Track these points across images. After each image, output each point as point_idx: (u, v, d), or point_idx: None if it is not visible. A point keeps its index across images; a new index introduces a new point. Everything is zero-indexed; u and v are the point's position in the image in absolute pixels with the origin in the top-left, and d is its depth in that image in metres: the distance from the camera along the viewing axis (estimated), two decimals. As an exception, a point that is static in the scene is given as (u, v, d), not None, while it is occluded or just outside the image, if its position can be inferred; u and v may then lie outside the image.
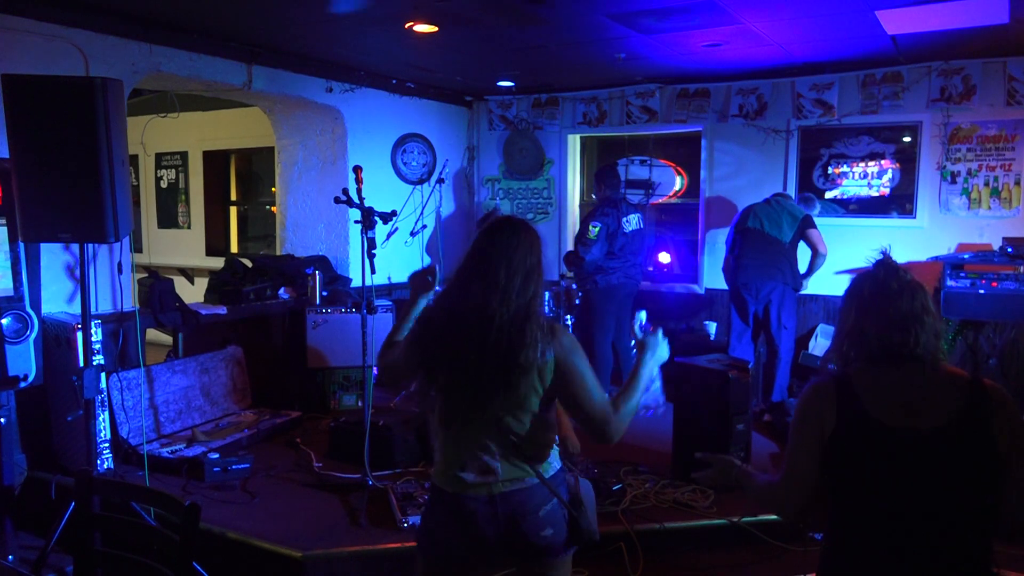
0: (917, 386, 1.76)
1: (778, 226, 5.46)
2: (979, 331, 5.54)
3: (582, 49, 5.36)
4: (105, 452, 4.21)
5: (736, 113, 6.44)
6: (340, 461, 4.46)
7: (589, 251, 5.76)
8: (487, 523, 2.11)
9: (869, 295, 1.85)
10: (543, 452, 2.19)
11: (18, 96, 3.07)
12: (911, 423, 1.72)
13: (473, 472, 2.12)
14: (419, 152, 7.03)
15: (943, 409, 1.72)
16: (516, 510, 2.11)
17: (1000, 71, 5.55)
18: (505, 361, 2.04)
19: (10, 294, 3.48)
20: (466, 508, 2.12)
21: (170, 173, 8.74)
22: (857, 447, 1.75)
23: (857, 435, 1.75)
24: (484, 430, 2.11)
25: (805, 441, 1.82)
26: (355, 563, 3.41)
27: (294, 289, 5.80)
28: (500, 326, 2.04)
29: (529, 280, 2.11)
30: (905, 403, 1.74)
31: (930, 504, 1.71)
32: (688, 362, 4.38)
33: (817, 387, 1.83)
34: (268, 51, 5.48)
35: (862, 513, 1.76)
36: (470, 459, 2.12)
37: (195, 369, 5.01)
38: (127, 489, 2.55)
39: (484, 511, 2.11)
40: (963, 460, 1.70)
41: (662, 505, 3.95)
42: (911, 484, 1.71)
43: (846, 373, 1.83)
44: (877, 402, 1.75)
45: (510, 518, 2.11)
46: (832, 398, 1.79)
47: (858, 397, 1.76)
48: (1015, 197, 5.61)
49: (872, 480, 1.74)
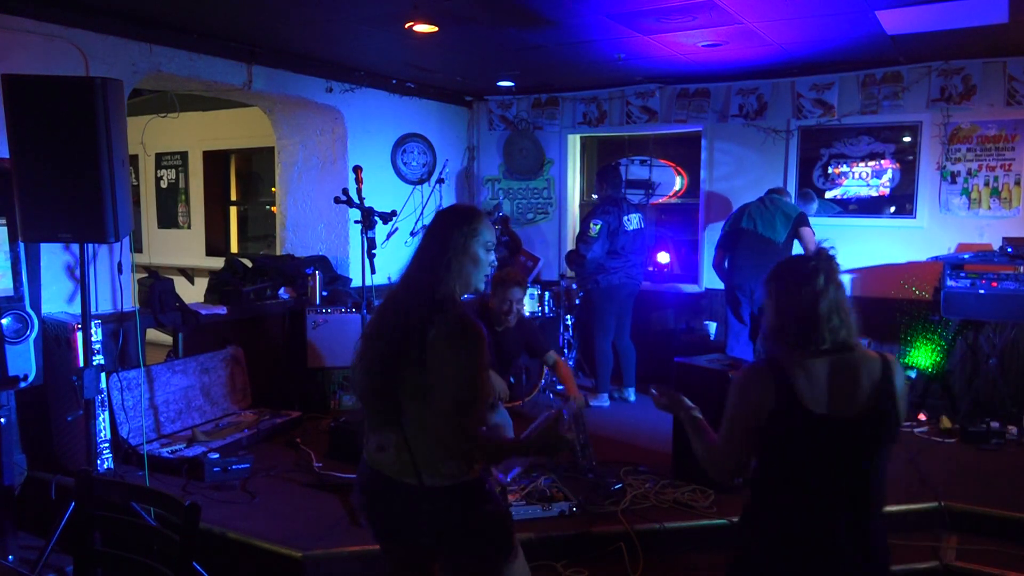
0: (842, 373, 1.96)
1: (772, 226, 5.47)
2: (979, 331, 5.54)
3: (582, 49, 5.36)
4: (105, 452, 4.21)
5: (736, 113, 6.44)
6: (340, 461, 4.46)
7: (590, 248, 5.76)
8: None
9: (807, 286, 1.98)
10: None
11: (18, 96, 3.07)
12: (837, 411, 1.94)
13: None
14: (419, 152, 7.03)
15: (864, 393, 1.94)
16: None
17: (1000, 71, 5.55)
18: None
19: (10, 294, 3.48)
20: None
21: (170, 173, 8.74)
22: (788, 431, 1.96)
23: (789, 420, 1.95)
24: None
25: (742, 417, 2.02)
26: (355, 563, 3.41)
27: (294, 289, 5.80)
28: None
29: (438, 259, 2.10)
30: (832, 391, 1.95)
31: (849, 478, 1.95)
32: (688, 362, 4.38)
33: (758, 370, 2.02)
34: (268, 51, 5.48)
35: (784, 485, 2.00)
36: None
37: (195, 369, 5.01)
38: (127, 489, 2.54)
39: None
40: (880, 437, 1.95)
41: (662, 505, 3.95)
42: (833, 465, 1.94)
43: (779, 359, 2.00)
44: (808, 390, 1.95)
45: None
46: (770, 382, 1.97)
47: (791, 384, 1.95)
48: (1015, 197, 5.61)
49: (798, 460, 1.97)
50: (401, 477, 2.10)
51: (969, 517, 3.86)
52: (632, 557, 3.55)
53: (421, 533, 2.13)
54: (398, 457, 2.10)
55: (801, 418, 1.94)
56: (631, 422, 5.51)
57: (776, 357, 2.02)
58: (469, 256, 2.12)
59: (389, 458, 2.12)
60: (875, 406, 1.95)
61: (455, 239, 2.10)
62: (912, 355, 5.73)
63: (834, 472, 1.96)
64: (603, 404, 5.94)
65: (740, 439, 2.05)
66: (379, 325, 2.14)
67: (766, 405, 1.96)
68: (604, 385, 5.97)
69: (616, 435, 5.15)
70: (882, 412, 1.96)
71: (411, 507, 2.11)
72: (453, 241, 2.10)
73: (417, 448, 2.07)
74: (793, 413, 1.94)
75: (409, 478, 2.09)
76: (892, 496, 2.73)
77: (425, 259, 2.12)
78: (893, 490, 2.57)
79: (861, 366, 1.98)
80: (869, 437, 1.95)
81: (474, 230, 2.13)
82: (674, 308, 6.89)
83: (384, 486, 2.14)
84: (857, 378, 1.96)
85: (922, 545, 3.69)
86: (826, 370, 1.97)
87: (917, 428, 5.25)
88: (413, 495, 2.09)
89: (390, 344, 2.06)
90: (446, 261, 2.08)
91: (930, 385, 5.69)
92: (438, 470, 2.07)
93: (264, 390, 5.56)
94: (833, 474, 1.96)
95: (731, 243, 5.62)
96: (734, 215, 5.69)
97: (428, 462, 2.07)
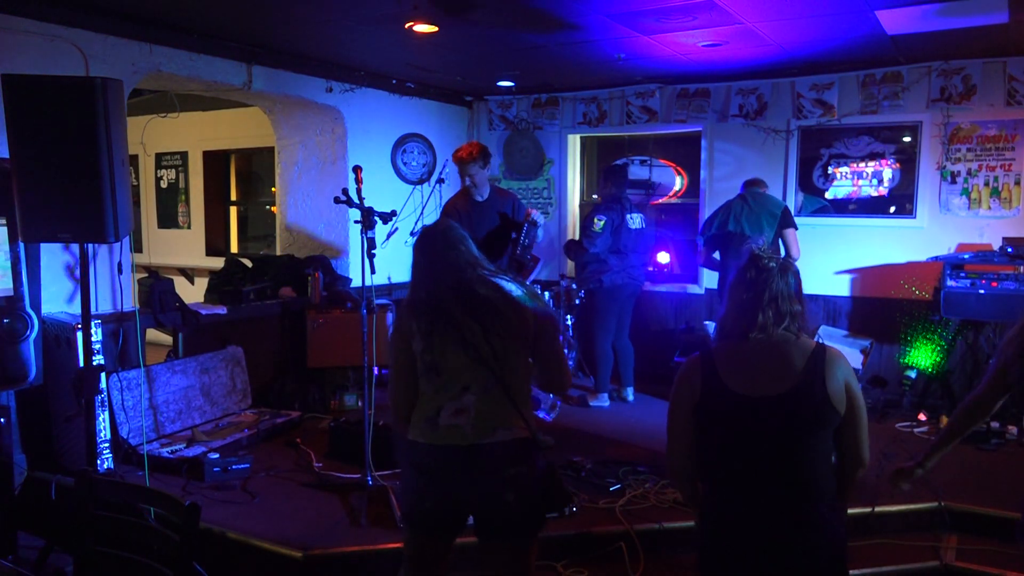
0: (762, 361, 2.07)
1: (759, 228, 5.45)
2: (979, 331, 5.54)
3: (582, 49, 5.36)
4: (105, 452, 4.21)
5: (736, 113, 6.44)
6: (340, 461, 4.46)
7: (593, 243, 5.77)
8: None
9: (735, 284, 2.15)
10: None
11: (18, 96, 3.07)
12: (756, 391, 2.04)
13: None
14: (419, 152, 7.03)
15: (788, 376, 2.03)
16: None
17: (1000, 71, 5.55)
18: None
19: (10, 294, 3.49)
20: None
21: (170, 173, 8.74)
22: (714, 412, 2.09)
23: (714, 401, 2.08)
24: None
25: (677, 407, 2.17)
26: (355, 563, 3.41)
27: (294, 289, 5.80)
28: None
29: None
30: (751, 374, 2.06)
31: (777, 456, 2.03)
32: (688, 362, 4.38)
33: (690, 360, 2.18)
34: (268, 51, 5.48)
35: (720, 467, 2.11)
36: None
37: (195, 369, 5.01)
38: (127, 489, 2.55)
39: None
40: (804, 418, 2.01)
41: (662, 505, 3.95)
42: (760, 444, 2.04)
43: (710, 349, 2.15)
44: (730, 373, 2.07)
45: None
46: (698, 369, 2.12)
47: (716, 368, 2.09)
48: (1015, 197, 5.61)
49: (727, 441, 2.08)
50: (479, 439, 2.32)
51: (969, 517, 3.86)
52: (632, 557, 3.55)
53: (504, 486, 2.33)
54: (477, 417, 2.34)
55: (725, 398, 2.06)
56: (631, 422, 5.50)
57: (711, 348, 2.16)
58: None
59: (466, 421, 2.34)
60: (802, 387, 2.01)
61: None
62: (912, 355, 5.73)
63: (763, 451, 2.04)
64: (603, 404, 5.94)
65: (679, 432, 2.18)
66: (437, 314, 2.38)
67: (696, 391, 2.10)
68: (604, 385, 5.97)
69: (616, 435, 5.14)
70: (809, 394, 2.01)
71: (495, 463, 2.33)
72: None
73: (503, 402, 2.36)
74: (718, 394, 2.07)
75: (487, 438, 2.33)
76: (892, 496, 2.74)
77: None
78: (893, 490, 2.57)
79: (793, 350, 2.07)
80: (795, 416, 2.02)
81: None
82: (674, 308, 6.89)
83: (460, 456, 2.33)
84: (785, 361, 2.05)
85: (922, 545, 3.69)
86: (755, 354, 2.08)
87: (917, 428, 5.25)
88: (496, 451, 2.32)
89: (469, 318, 2.36)
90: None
91: (930, 385, 5.69)
92: (515, 423, 2.37)
93: (264, 390, 5.56)
94: (762, 454, 2.04)
95: (719, 245, 5.63)
96: (719, 216, 5.65)
97: (508, 416, 2.36)
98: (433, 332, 2.37)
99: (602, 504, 3.94)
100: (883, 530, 3.76)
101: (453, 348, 2.36)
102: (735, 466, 2.08)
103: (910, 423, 5.35)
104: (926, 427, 5.23)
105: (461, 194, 5.14)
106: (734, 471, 2.09)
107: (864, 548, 3.53)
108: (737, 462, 2.08)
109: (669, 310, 6.90)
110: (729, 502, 2.10)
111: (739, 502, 2.08)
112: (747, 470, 2.06)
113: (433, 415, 2.38)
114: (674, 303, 6.90)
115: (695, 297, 6.82)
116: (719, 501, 2.13)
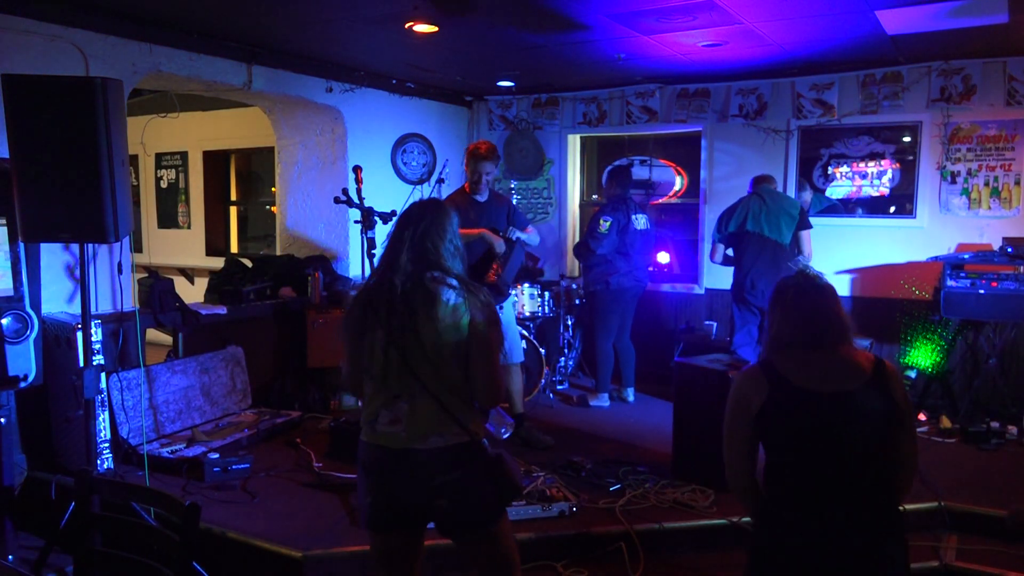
0: (830, 364, 2.13)
1: (777, 228, 5.43)
2: (979, 331, 5.54)
3: (582, 49, 5.36)
4: (105, 452, 4.21)
5: (736, 113, 6.44)
6: (340, 461, 4.46)
7: (600, 244, 5.77)
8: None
9: (792, 298, 2.22)
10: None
11: (18, 96, 3.07)
12: (828, 388, 2.09)
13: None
14: (419, 152, 7.03)
15: (854, 379, 2.10)
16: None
17: (1000, 71, 5.55)
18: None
19: (10, 294, 3.48)
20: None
21: (170, 173, 8.74)
22: (785, 411, 2.11)
23: (784, 402, 2.11)
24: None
25: (738, 414, 2.19)
26: (355, 563, 3.41)
27: (294, 289, 5.80)
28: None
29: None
30: (821, 375, 2.11)
31: (844, 453, 2.06)
32: (688, 362, 4.38)
33: (751, 369, 2.22)
34: (268, 51, 5.48)
35: (791, 464, 2.12)
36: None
37: (195, 369, 5.01)
38: (127, 489, 2.54)
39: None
40: (871, 416, 2.07)
41: (662, 505, 3.95)
42: (829, 437, 2.07)
43: (771, 360, 2.19)
44: (799, 375, 2.12)
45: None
46: (762, 376, 2.15)
47: (782, 374, 2.13)
48: (1015, 197, 5.61)
49: (798, 434, 2.10)
50: (412, 444, 2.32)
51: (969, 517, 3.86)
52: (632, 557, 3.55)
53: (435, 493, 2.33)
54: (410, 425, 2.33)
55: (793, 396, 2.10)
56: (631, 422, 5.51)
57: (769, 359, 2.20)
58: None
59: (400, 429, 2.33)
60: (871, 384, 2.08)
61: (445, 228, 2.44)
62: (912, 355, 5.73)
63: (831, 451, 2.07)
64: (603, 404, 5.94)
65: (740, 446, 2.20)
66: (376, 313, 2.35)
67: (759, 396, 2.13)
68: (604, 385, 5.97)
69: (616, 435, 5.15)
70: (880, 391, 2.08)
71: (426, 469, 2.32)
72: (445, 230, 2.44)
73: (435, 410, 2.33)
74: (785, 393, 2.10)
75: (419, 444, 2.32)
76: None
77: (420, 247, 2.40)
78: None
79: (854, 357, 2.15)
80: (864, 414, 2.06)
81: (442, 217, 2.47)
82: (674, 308, 6.89)
83: (394, 459, 2.34)
84: (849, 365, 2.12)
85: (922, 545, 3.69)
86: (818, 359, 2.14)
87: (917, 428, 5.24)
88: (427, 457, 2.32)
89: (402, 323, 2.32)
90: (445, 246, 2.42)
91: (930, 385, 5.69)
92: (450, 429, 2.34)
93: (264, 390, 5.56)
94: (831, 454, 2.06)
95: (735, 243, 5.58)
96: (735, 214, 5.58)
97: (444, 422, 2.34)
98: (366, 328, 2.36)
99: (602, 504, 3.94)
100: (883, 530, 3.76)
101: (383, 347, 2.33)
102: (806, 469, 2.09)
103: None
104: (926, 427, 5.23)
105: (461, 192, 4.98)
106: (805, 474, 2.09)
107: (864, 548, 3.53)
108: (808, 464, 2.09)
109: (669, 310, 6.90)
110: (800, 508, 2.10)
111: (811, 509, 2.08)
112: (818, 473, 2.08)
113: (372, 419, 2.39)
114: (674, 303, 6.90)
115: (695, 297, 6.82)
116: (788, 506, 2.13)
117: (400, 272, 2.36)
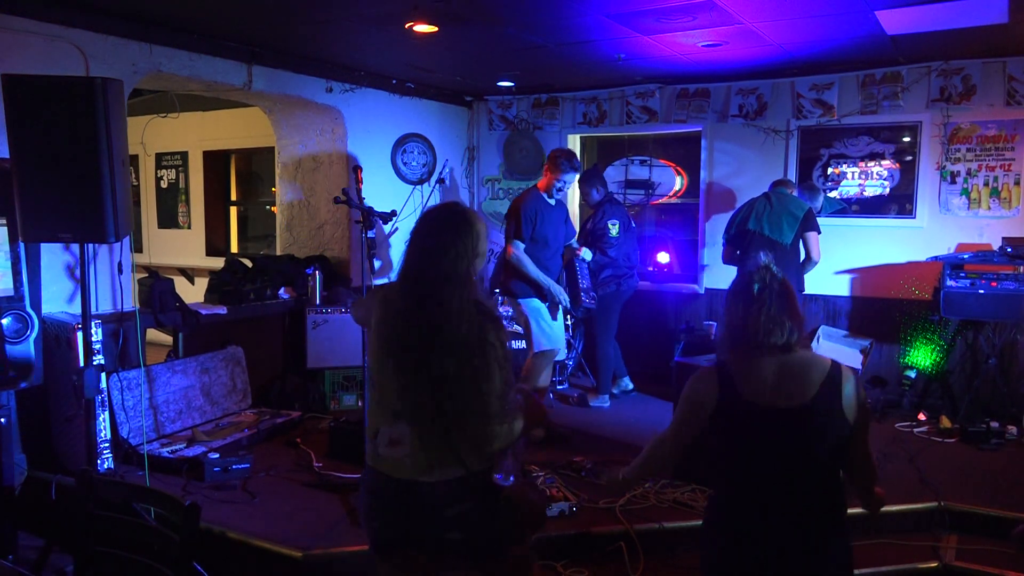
0: (784, 370, 2.09)
1: (779, 229, 5.41)
2: (979, 331, 5.54)
3: (582, 49, 5.36)
4: (105, 452, 4.21)
5: (736, 113, 6.44)
6: (340, 461, 4.46)
7: (615, 248, 5.83)
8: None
9: (738, 294, 2.16)
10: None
11: (18, 96, 3.07)
12: (780, 402, 2.06)
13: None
14: (419, 152, 7.03)
15: (807, 388, 2.06)
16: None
17: (1000, 71, 5.55)
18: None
19: (10, 294, 3.48)
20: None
21: (170, 173, 8.74)
22: (733, 422, 2.12)
23: (732, 412, 2.11)
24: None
25: (689, 412, 2.19)
26: (355, 563, 3.41)
27: (294, 289, 5.80)
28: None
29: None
30: (775, 383, 2.08)
31: (793, 467, 2.07)
32: (688, 362, 4.38)
33: (702, 373, 2.20)
34: (268, 51, 5.48)
35: (738, 476, 2.13)
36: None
37: (195, 369, 5.01)
38: (127, 489, 2.54)
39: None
40: (820, 431, 2.05)
41: (662, 505, 3.95)
42: (775, 453, 2.07)
43: (725, 361, 2.16)
44: (751, 384, 2.10)
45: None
46: (714, 379, 2.14)
47: (735, 382, 2.11)
48: (1015, 197, 5.61)
49: (744, 449, 2.11)
50: (417, 476, 2.17)
51: (969, 517, 3.86)
52: (632, 557, 3.56)
53: (447, 526, 2.19)
54: (414, 453, 2.16)
55: (742, 409, 2.09)
56: (631, 422, 5.51)
57: (723, 360, 2.18)
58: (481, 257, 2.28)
59: (402, 454, 2.18)
60: (819, 402, 2.05)
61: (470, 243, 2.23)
62: (912, 355, 5.73)
63: (778, 464, 2.07)
64: (604, 404, 5.94)
65: (686, 437, 2.23)
66: (402, 322, 2.18)
67: (711, 400, 2.13)
68: (605, 386, 5.98)
69: (616, 435, 5.15)
70: (827, 409, 2.05)
71: (435, 502, 2.17)
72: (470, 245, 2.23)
73: (443, 440, 2.15)
74: (734, 404, 2.10)
75: (426, 476, 2.16)
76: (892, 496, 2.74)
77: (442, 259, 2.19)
78: (893, 490, 2.58)
79: (808, 366, 2.11)
80: (813, 429, 2.05)
81: (479, 233, 2.26)
82: (674, 308, 6.89)
83: (400, 490, 2.19)
84: (802, 376, 2.09)
85: (922, 545, 3.69)
86: (770, 368, 2.10)
87: (917, 428, 5.25)
88: (436, 490, 2.17)
89: (423, 341, 2.13)
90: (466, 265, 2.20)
91: (930, 385, 5.69)
92: (462, 462, 2.17)
93: (264, 390, 5.56)
94: (777, 466, 2.07)
95: (739, 243, 5.58)
96: (741, 213, 5.56)
97: (451, 453, 2.16)
98: (380, 334, 2.21)
99: (602, 504, 3.94)
100: (883, 530, 3.76)
101: (390, 360, 2.17)
102: (751, 479, 2.11)
103: (910, 423, 5.35)
104: (926, 427, 5.23)
105: (535, 191, 5.06)
106: (750, 483, 2.11)
107: (864, 548, 3.52)
108: (754, 475, 2.10)
109: (669, 310, 6.90)
110: (742, 513, 2.13)
111: (754, 515, 2.10)
112: (763, 483, 2.09)
113: (372, 436, 2.25)
114: (674, 303, 6.90)
115: (695, 297, 6.82)
116: (731, 511, 2.16)
117: (417, 284, 2.19)
